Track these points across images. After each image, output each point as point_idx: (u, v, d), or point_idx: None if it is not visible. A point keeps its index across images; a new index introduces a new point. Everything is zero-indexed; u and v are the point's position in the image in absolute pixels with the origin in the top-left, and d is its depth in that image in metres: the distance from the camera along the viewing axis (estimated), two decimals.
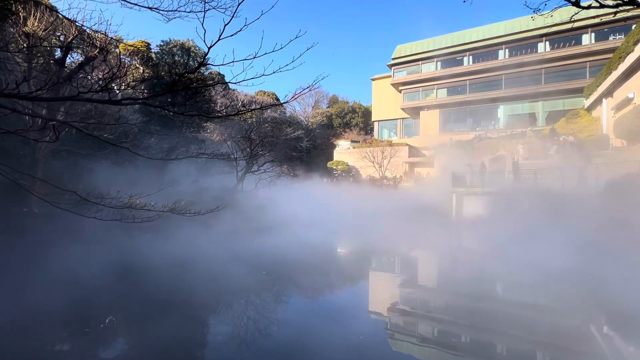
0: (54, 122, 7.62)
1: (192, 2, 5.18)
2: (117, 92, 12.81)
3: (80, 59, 14.16)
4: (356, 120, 41.32)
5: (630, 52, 15.97)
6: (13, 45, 10.24)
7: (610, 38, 24.31)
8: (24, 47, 10.42)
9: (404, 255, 12.42)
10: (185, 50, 28.64)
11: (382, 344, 5.14)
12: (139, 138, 13.31)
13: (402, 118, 34.69)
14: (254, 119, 25.74)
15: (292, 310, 6.67)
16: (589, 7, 3.32)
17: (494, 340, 5.36)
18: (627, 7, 3.30)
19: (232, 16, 4.12)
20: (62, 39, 11.87)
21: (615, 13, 3.53)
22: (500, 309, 6.78)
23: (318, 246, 12.32)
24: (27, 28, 10.29)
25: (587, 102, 23.42)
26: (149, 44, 22.94)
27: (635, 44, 15.46)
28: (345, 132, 39.01)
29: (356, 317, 6.16)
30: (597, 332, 5.61)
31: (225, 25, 3.96)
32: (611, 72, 18.41)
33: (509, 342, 5.22)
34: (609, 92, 19.63)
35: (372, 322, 5.98)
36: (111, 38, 12.06)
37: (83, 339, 5.08)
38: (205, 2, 4.53)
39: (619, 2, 3.28)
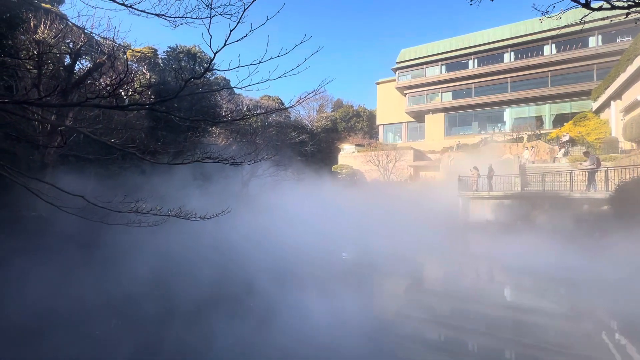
0: (62, 128, 7.73)
1: (199, 8, 5.21)
2: (125, 97, 12.97)
3: (89, 65, 14.40)
4: (361, 124, 41.26)
5: (638, 54, 15.77)
6: (24, 52, 10.43)
7: (618, 40, 24.05)
8: (34, 54, 10.60)
9: (412, 262, 12.28)
10: (192, 56, 28.95)
11: (391, 349, 5.06)
12: (146, 143, 13.41)
13: (407, 122, 34.60)
14: (259, 124, 25.85)
15: (298, 313, 6.60)
16: (600, 8, 3.27)
17: (505, 347, 5.26)
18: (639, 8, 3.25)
19: (238, 22, 4.15)
20: (71, 45, 12.09)
21: (627, 14, 3.47)
22: (507, 315, 6.66)
23: (318, 251, 12.23)
24: (37, 35, 10.50)
25: (595, 105, 23.13)
26: (155, 50, 23.27)
27: None
28: (349, 136, 38.90)
29: (366, 323, 6.08)
30: (606, 337, 5.46)
31: (231, 31, 3.99)
32: (619, 75, 18.17)
33: (517, 349, 5.10)
34: (617, 95, 19.37)
35: (382, 328, 5.90)
36: (119, 44, 12.26)
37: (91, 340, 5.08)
38: (211, 9, 4.55)
39: (630, 2, 3.23)
